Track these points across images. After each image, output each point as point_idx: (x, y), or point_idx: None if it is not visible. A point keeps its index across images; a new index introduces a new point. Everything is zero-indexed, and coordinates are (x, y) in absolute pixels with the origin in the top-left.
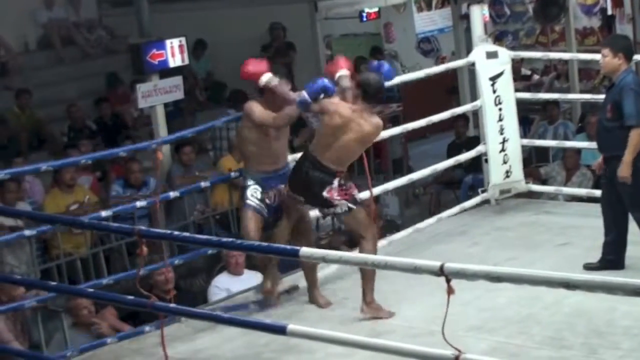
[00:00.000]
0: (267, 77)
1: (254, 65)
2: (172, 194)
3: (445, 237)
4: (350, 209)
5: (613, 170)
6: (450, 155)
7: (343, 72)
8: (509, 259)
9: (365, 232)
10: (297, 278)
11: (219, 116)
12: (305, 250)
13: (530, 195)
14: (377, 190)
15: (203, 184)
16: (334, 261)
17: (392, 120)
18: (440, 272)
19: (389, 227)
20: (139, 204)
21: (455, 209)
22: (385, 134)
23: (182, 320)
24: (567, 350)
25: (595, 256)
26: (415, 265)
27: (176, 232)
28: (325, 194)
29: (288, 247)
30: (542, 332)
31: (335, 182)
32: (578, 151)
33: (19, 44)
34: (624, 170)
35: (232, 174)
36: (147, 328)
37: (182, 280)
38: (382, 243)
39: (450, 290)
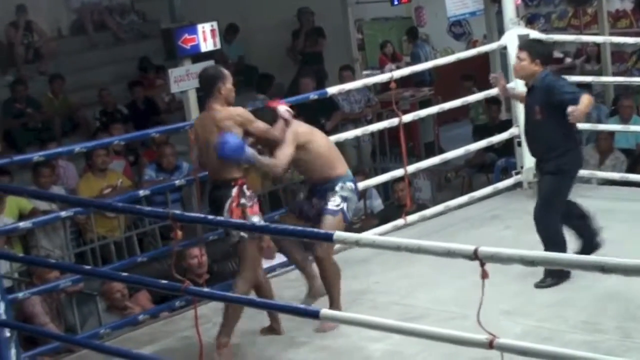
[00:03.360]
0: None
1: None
2: None
3: (477, 220)
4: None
5: (547, 172)
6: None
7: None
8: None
9: (245, 272)
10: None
11: (249, 101)
12: (339, 234)
13: None
14: (411, 168)
15: None
16: (367, 245)
17: (424, 104)
18: (475, 256)
19: (421, 211)
20: (178, 182)
21: (489, 189)
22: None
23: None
24: (601, 335)
25: (630, 240)
26: (449, 250)
27: (210, 216)
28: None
29: (322, 231)
30: (576, 316)
31: (234, 191)
32: (611, 134)
33: (53, 29)
34: (580, 111)
35: None
36: (177, 303)
37: (215, 264)
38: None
39: (485, 275)
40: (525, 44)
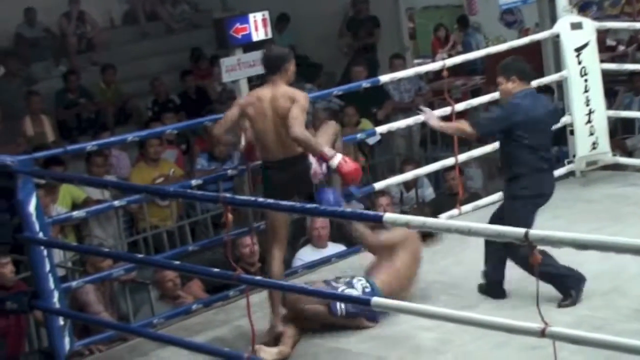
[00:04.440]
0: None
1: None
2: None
3: None
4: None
5: (506, 196)
6: None
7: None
8: (593, 230)
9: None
10: None
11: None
12: (389, 216)
13: (616, 167)
14: (462, 157)
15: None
16: (417, 227)
17: (475, 93)
18: (525, 239)
19: (473, 199)
20: (230, 171)
21: None
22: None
23: None
24: None
25: None
26: (499, 232)
27: (260, 199)
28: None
29: (371, 212)
30: (628, 304)
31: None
32: None
33: (105, 20)
34: (434, 120)
35: None
36: (230, 293)
37: (267, 253)
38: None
39: (535, 259)
40: (499, 68)
